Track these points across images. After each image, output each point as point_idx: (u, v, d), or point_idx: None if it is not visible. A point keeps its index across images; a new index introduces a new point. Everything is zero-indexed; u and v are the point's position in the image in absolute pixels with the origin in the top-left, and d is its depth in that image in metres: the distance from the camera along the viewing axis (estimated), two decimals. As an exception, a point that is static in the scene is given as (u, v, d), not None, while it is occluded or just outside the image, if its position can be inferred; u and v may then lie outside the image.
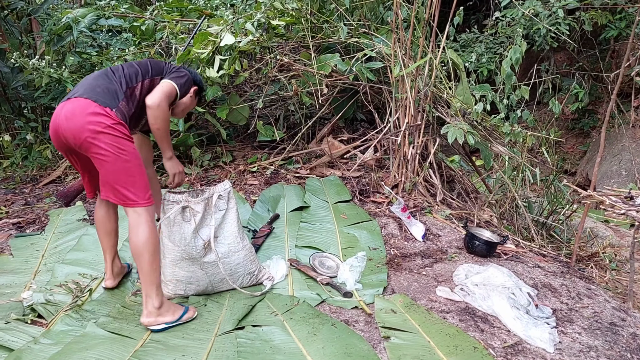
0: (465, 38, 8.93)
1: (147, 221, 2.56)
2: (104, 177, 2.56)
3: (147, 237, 2.53)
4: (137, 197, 2.55)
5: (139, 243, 2.52)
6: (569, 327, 2.79)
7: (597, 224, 5.70)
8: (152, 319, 2.56)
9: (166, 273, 2.87)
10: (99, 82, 2.62)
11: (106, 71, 2.73)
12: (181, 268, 2.84)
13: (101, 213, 2.90)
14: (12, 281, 3.16)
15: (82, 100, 2.49)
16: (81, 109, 2.47)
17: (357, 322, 2.73)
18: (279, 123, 5.49)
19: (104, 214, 2.90)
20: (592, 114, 9.52)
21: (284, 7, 4.48)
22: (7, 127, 6.01)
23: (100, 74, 2.70)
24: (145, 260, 2.52)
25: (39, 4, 5.68)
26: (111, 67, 2.77)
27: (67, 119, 2.47)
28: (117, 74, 2.70)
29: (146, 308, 2.56)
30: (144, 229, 2.54)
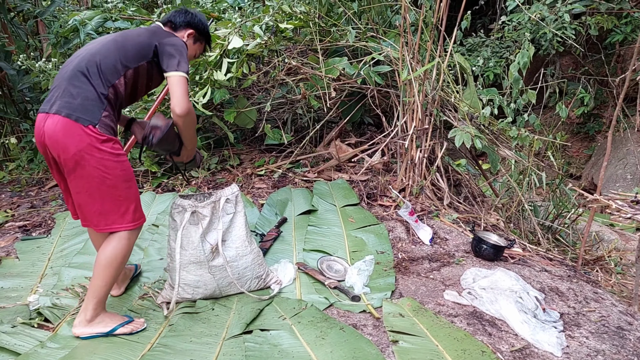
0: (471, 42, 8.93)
1: (124, 240, 2.49)
2: (87, 202, 2.42)
3: (116, 255, 2.47)
4: (122, 221, 2.47)
5: (106, 257, 2.47)
6: (577, 331, 2.78)
7: (602, 227, 5.69)
8: (81, 329, 2.50)
9: (174, 277, 2.87)
10: (76, 87, 2.39)
11: (80, 65, 2.44)
12: (189, 272, 2.84)
13: (91, 230, 2.77)
14: (18, 285, 3.16)
15: (60, 119, 2.32)
16: (62, 129, 2.31)
17: (365, 326, 2.73)
18: (286, 126, 5.49)
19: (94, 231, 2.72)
20: (597, 118, 9.50)
21: (292, 11, 4.49)
22: (13, 129, 6.03)
23: (75, 73, 2.42)
24: (103, 276, 2.47)
25: (45, 7, 5.71)
26: (85, 58, 2.46)
27: (50, 138, 2.34)
28: (91, 69, 2.42)
29: (78, 317, 2.51)
30: (116, 247, 2.48)
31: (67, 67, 2.49)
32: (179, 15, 2.86)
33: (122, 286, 2.96)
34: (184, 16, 2.86)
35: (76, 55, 2.54)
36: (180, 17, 2.85)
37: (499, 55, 8.40)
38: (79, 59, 2.48)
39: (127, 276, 3.02)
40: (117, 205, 2.44)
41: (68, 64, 2.51)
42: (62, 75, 2.46)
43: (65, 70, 2.47)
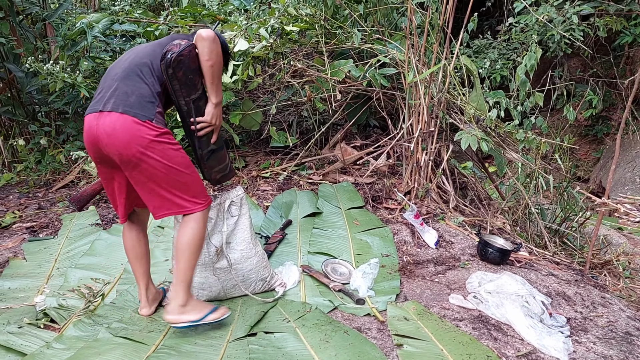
0: (478, 44, 8.89)
1: (200, 221, 2.58)
2: (157, 192, 2.49)
3: (194, 236, 2.55)
4: (193, 204, 2.56)
5: (186, 240, 2.54)
6: (583, 336, 2.76)
7: (610, 231, 5.64)
8: (176, 316, 2.53)
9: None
10: (129, 86, 2.46)
11: (132, 67, 2.52)
12: (194, 274, 2.84)
13: (130, 236, 2.77)
14: (25, 285, 3.18)
15: (119, 116, 2.37)
16: (122, 126, 2.36)
17: (370, 330, 2.72)
18: (292, 129, 5.49)
19: (134, 237, 2.77)
20: (605, 121, 9.44)
21: (298, 13, 4.50)
22: (21, 131, 6.06)
23: (128, 73, 2.50)
24: (186, 259, 2.54)
25: (53, 9, 5.74)
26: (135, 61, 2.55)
27: (109, 136, 2.36)
28: (144, 70, 2.51)
29: (171, 304, 2.55)
30: (193, 227, 2.56)
31: (115, 70, 2.55)
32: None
33: (153, 306, 2.87)
34: None
35: (124, 59, 2.61)
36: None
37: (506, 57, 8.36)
38: (128, 61, 2.55)
39: (156, 298, 2.93)
40: (185, 190, 2.53)
41: (116, 67, 2.58)
42: (111, 77, 2.52)
43: (114, 72, 2.54)
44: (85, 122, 2.46)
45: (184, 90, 2.59)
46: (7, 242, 3.87)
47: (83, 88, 4.94)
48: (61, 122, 5.91)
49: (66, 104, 5.51)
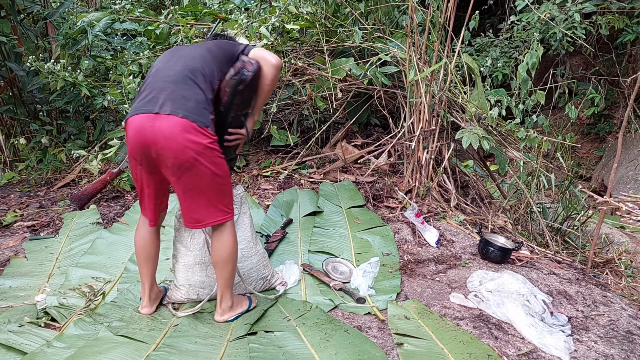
0: (480, 42, 8.88)
1: (232, 231, 2.65)
2: (200, 198, 2.53)
3: (232, 246, 2.64)
4: (226, 212, 2.61)
5: (227, 253, 2.63)
6: (585, 335, 2.75)
7: (612, 229, 5.63)
8: (226, 315, 2.75)
9: (179, 278, 2.87)
10: (186, 90, 2.47)
11: (185, 71, 2.53)
12: (194, 273, 2.85)
13: (144, 236, 2.75)
14: (26, 284, 3.18)
15: (179, 120, 2.37)
16: (181, 130, 2.37)
17: (370, 329, 2.72)
18: (292, 127, 5.49)
19: (148, 238, 2.75)
20: (607, 119, 9.42)
21: (299, 11, 4.49)
22: (23, 130, 6.06)
23: (182, 77, 2.50)
24: (229, 270, 2.66)
25: (54, 8, 5.73)
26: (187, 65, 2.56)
27: (167, 139, 2.36)
28: (197, 75, 2.53)
29: (220, 307, 2.74)
30: (229, 239, 2.63)
31: (166, 72, 2.55)
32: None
33: (154, 305, 2.87)
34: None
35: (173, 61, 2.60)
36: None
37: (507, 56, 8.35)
38: (180, 65, 2.56)
39: (158, 297, 2.92)
40: (222, 198, 2.59)
41: (166, 68, 2.57)
42: (162, 78, 2.52)
43: (165, 74, 2.53)
44: (135, 122, 2.43)
45: (241, 106, 2.69)
46: (8, 240, 3.87)
47: (84, 87, 4.94)
48: (62, 121, 5.91)
49: (67, 102, 5.51)
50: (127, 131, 2.47)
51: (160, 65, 2.62)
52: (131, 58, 5.17)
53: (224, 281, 2.68)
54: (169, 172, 2.45)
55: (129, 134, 2.46)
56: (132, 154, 2.49)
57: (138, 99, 2.51)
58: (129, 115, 2.47)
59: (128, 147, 2.50)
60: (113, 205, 4.50)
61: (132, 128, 2.43)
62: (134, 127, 2.43)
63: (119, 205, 4.51)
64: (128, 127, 2.46)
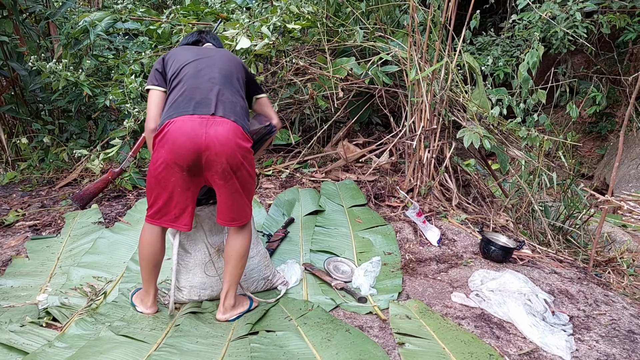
0: (481, 41, 8.87)
1: (251, 228, 2.77)
2: (240, 199, 2.61)
3: (249, 244, 2.73)
4: (250, 211, 2.74)
5: (244, 249, 2.69)
6: (586, 335, 2.75)
7: (614, 228, 5.62)
8: (228, 314, 2.75)
9: (180, 279, 2.87)
10: (234, 94, 2.60)
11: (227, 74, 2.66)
12: (195, 274, 2.85)
13: (155, 244, 2.69)
14: (27, 284, 3.18)
15: (232, 124, 2.47)
16: (234, 135, 2.46)
17: (372, 328, 2.72)
18: (294, 127, 5.49)
19: (159, 246, 2.70)
20: (609, 118, 9.41)
21: (300, 11, 4.49)
22: (25, 129, 6.07)
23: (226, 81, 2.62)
24: (241, 266, 2.71)
25: (57, 8, 5.73)
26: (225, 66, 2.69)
27: (223, 145, 2.42)
28: (234, 81, 2.67)
29: (223, 305, 2.74)
30: (248, 236, 2.72)
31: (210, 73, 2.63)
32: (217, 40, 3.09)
33: (156, 305, 2.85)
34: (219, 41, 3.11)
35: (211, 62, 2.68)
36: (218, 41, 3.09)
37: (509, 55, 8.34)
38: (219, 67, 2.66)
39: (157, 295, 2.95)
40: (250, 197, 2.72)
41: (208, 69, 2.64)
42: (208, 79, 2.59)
43: (210, 76, 2.61)
44: (186, 128, 2.43)
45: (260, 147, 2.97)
46: (10, 240, 3.88)
47: (86, 86, 4.94)
48: (64, 120, 5.91)
49: (69, 102, 5.51)
50: (174, 136, 2.42)
51: (192, 68, 2.63)
52: (133, 57, 5.17)
53: (233, 277, 2.70)
54: (217, 176, 2.48)
55: (178, 140, 2.42)
56: (177, 160, 2.44)
57: (181, 100, 2.51)
58: (173, 117, 2.46)
59: (171, 153, 2.43)
60: (115, 205, 4.50)
61: (184, 135, 2.41)
62: (185, 133, 2.41)
63: (121, 204, 4.51)
64: (176, 132, 2.42)
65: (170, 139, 2.43)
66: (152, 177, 2.54)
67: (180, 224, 2.61)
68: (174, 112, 2.48)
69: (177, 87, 2.57)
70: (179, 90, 2.56)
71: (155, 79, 2.73)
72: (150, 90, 2.73)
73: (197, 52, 2.75)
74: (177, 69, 2.64)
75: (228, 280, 2.71)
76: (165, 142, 2.44)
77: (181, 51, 2.78)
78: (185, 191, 2.55)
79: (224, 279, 2.74)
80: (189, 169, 2.46)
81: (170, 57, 2.75)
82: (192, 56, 2.69)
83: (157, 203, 2.58)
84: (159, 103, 2.69)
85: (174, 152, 2.42)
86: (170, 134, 2.43)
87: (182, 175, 2.48)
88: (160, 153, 2.47)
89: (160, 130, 2.48)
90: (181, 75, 2.61)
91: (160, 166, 2.47)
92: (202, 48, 2.88)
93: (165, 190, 2.53)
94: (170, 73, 2.67)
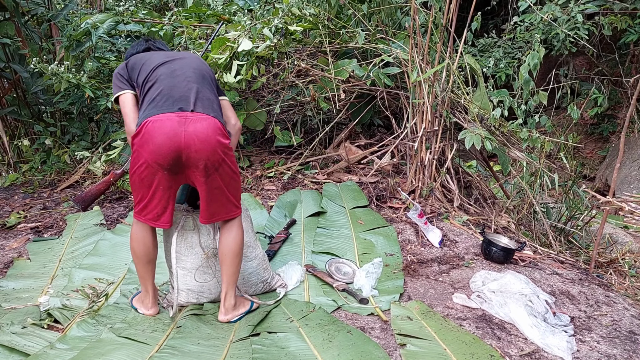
0: (483, 43, 8.88)
1: (241, 225, 2.75)
2: (222, 196, 2.60)
3: (241, 241, 2.72)
4: (237, 207, 2.71)
5: (236, 246, 2.69)
6: (587, 336, 2.75)
7: (616, 229, 5.62)
8: (230, 315, 2.75)
9: (178, 282, 2.86)
10: (208, 92, 2.62)
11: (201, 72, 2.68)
12: (192, 277, 2.84)
13: (146, 241, 2.68)
14: (29, 285, 3.19)
15: (210, 120, 2.48)
16: (213, 132, 2.47)
17: (373, 329, 2.72)
18: (296, 128, 5.50)
19: (150, 242, 2.70)
20: (611, 119, 9.40)
21: (302, 13, 4.49)
22: (27, 131, 6.08)
23: (202, 79, 2.65)
24: (237, 264, 2.70)
25: (58, 10, 5.75)
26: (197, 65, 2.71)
27: (202, 141, 2.42)
28: (208, 80, 2.70)
29: (224, 306, 2.74)
30: (238, 232, 2.71)
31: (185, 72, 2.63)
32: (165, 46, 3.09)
33: (157, 306, 2.86)
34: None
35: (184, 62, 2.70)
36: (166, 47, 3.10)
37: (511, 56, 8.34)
38: (192, 66, 2.68)
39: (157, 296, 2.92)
40: (236, 193, 2.69)
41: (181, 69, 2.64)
42: (185, 78, 2.59)
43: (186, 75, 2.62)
44: (165, 127, 2.41)
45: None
46: (11, 242, 3.89)
47: (88, 88, 4.95)
48: (66, 122, 5.93)
49: (71, 104, 5.52)
50: (153, 136, 2.40)
51: (166, 69, 2.62)
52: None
53: (230, 277, 2.70)
54: (198, 173, 2.48)
55: (156, 140, 2.40)
56: (157, 160, 2.42)
57: (159, 99, 2.49)
58: (151, 115, 2.43)
59: (151, 153, 2.41)
60: (116, 207, 4.51)
61: (163, 134, 2.39)
62: (164, 132, 2.39)
63: (123, 206, 4.52)
64: (154, 131, 2.40)
65: (149, 139, 2.41)
66: (135, 176, 2.52)
67: (162, 222, 2.63)
68: (152, 110, 2.46)
69: (153, 88, 2.55)
70: (155, 90, 2.53)
71: (123, 84, 2.71)
72: (121, 96, 2.70)
73: (165, 55, 2.74)
74: (148, 71, 2.62)
75: (226, 280, 2.71)
76: (145, 142, 2.42)
77: (146, 55, 2.76)
78: (167, 190, 2.54)
79: (222, 279, 2.74)
80: (170, 168, 2.45)
81: (135, 63, 2.72)
82: (162, 58, 2.68)
83: (142, 201, 2.59)
84: (133, 106, 2.67)
85: (154, 152, 2.40)
86: (150, 133, 2.40)
87: (164, 173, 2.47)
88: (140, 153, 2.45)
89: (139, 131, 2.44)
90: (155, 77, 2.59)
91: (142, 166, 2.46)
92: (168, 52, 2.88)
93: (149, 188, 2.53)
94: (141, 77, 2.63)
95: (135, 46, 2.96)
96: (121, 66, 2.76)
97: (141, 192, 2.56)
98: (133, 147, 2.50)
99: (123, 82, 2.71)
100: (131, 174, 2.55)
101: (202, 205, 2.61)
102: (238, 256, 2.69)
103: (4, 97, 5.89)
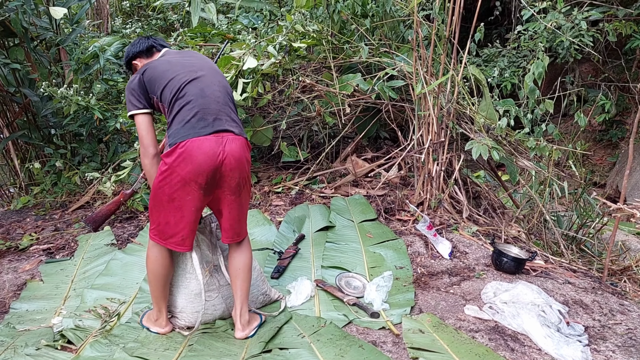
0: (488, 53, 8.89)
1: (249, 240, 2.87)
2: (244, 214, 2.73)
3: (251, 256, 2.84)
4: (246, 227, 2.84)
5: (250, 260, 2.80)
6: (602, 345, 2.73)
7: (629, 236, 5.57)
8: (247, 331, 2.77)
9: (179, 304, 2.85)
10: (232, 111, 2.66)
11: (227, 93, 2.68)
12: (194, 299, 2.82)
13: (167, 264, 2.69)
14: (42, 307, 3.21)
15: (242, 139, 2.59)
16: (245, 150, 2.59)
17: (385, 343, 2.71)
18: (302, 143, 5.52)
19: (170, 265, 2.72)
20: (620, 125, 9.36)
21: (305, 30, 4.53)
22: (37, 154, 6.15)
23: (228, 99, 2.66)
24: (249, 278, 2.79)
25: (67, 34, 5.83)
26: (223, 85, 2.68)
27: (237, 160, 2.53)
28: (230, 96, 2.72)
29: (240, 322, 2.76)
30: (249, 249, 2.83)
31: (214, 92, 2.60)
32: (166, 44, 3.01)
33: (170, 324, 2.86)
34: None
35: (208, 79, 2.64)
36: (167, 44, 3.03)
37: (516, 65, 8.34)
38: (220, 85, 2.66)
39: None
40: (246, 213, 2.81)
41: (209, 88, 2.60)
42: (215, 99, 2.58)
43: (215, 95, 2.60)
44: (205, 147, 2.44)
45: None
46: (24, 264, 3.91)
47: (97, 110, 5.01)
48: (76, 144, 5.99)
49: (81, 126, 5.58)
50: (193, 155, 2.42)
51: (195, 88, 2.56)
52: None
53: (244, 292, 2.75)
54: (230, 190, 2.56)
55: (196, 159, 2.42)
56: (197, 178, 2.44)
57: (194, 121, 2.47)
58: (189, 137, 2.44)
59: (190, 172, 2.43)
60: (127, 226, 4.54)
61: (203, 153, 2.43)
62: (204, 152, 2.43)
63: (133, 225, 4.54)
64: (194, 150, 2.42)
65: (188, 158, 2.41)
66: (164, 195, 2.49)
67: (186, 246, 2.64)
68: (189, 132, 2.45)
69: (185, 108, 2.50)
70: (188, 111, 2.49)
71: (138, 101, 2.63)
72: (137, 116, 2.63)
73: (183, 65, 2.64)
74: (176, 88, 2.54)
75: (240, 296, 2.74)
76: (183, 160, 2.42)
77: (162, 64, 2.65)
78: (196, 211, 2.56)
79: (234, 296, 2.76)
80: (206, 187, 2.48)
81: (153, 75, 2.62)
82: (185, 74, 2.59)
83: (167, 223, 2.56)
84: (150, 126, 2.64)
85: (193, 170, 2.42)
86: (189, 152, 2.41)
87: (199, 193, 2.49)
88: (176, 172, 2.43)
89: (173, 150, 2.44)
90: (185, 96, 2.53)
91: (176, 184, 2.45)
92: (183, 57, 2.75)
93: (178, 210, 2.51)
94: (167, 93, 2.56)
95: (136, 44, 2.86)
96: (135, 80, 2.65)
97: (167, 214, 2.54)
98: (164, 167, 2.47)
99: (139, 98, 2.63)
100: (158, 194, 2.52)
101: (226, 224, 2.68)
102: (250, 271, 2.78)
103: (15, 121, 5.96)
